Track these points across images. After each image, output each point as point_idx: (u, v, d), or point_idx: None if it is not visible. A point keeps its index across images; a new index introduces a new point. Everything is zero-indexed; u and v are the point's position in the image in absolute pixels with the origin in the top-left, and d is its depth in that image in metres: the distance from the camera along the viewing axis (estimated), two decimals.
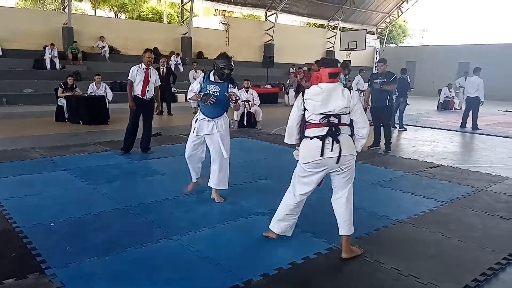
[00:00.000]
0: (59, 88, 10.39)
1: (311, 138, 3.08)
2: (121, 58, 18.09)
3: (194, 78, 12.80)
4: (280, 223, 3.39)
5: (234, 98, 4.13)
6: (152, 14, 30.09)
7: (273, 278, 2.84)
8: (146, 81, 6.42)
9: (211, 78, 4.22)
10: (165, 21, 27.52)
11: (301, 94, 3.19)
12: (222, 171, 4.32)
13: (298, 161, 3.23)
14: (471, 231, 3.76)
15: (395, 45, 34.89)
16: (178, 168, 5.96)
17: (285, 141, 3.30)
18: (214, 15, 30.45)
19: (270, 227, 3.45)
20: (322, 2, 26.21)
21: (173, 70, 15.06)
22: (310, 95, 3.09)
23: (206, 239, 3.46)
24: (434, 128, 10.92)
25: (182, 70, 18.11)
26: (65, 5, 17.77)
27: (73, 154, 6.54)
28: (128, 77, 6.44)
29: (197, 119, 4.31)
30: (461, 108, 16.45)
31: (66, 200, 4.34)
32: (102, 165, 5.92)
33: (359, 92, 12.08)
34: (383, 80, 7.28)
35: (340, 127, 3.07)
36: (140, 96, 6.44)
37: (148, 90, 6.47)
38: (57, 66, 15.98)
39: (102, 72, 12.71)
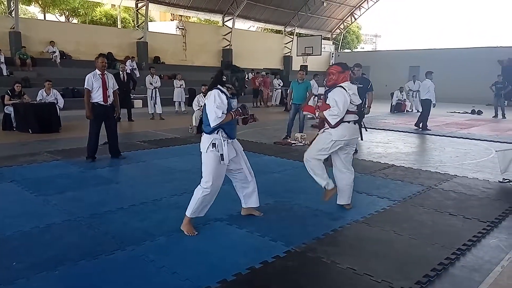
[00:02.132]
0: (6, 95, 9.90)
1: (349, 122, 4.08)
2: (73, 63, 17.51)
3: (151, 84, 12.56)
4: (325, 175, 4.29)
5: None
6: (106, 19, 29.27)
7: (231, 284, 2.82)
8: (104, 87, 6.30)
9: (227, 93, 3.63)
10: (119, 26, 26.89)
11: (344, 90, 3.97)
12: None
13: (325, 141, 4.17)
14: (422, 228, 3.90)
15: (350, 51, 35.95)
16: (133, 176, 5.84)
17: (333, 123, 4.03)
18: (171, 19, 30.17)
19: (328, 187, 4.27)
20: (278, 8, 26.60)
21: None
22: (353, 91, 4.07)
23: (162, 248, 3.38)
24: (388, 130, 11.30)
25: (138, 75, 17.75)
26: (12, 8, 17.00)
27: (21, 164, 6.22)
28: (85, 86, 6.28)
29: (214, 144, 3.62)
30: (412, 110, 17.22)
31: (13, 213, 4.11)
32: (53, 175, 5.66)
33: (314, 96, 12.25)
34: (360, 86, 7.29)
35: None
36: (103, 103, 6.32)
37: (109, 96, 6.37)
38: (4, 73, 15.23)
39: (53, 78, 12.23)
